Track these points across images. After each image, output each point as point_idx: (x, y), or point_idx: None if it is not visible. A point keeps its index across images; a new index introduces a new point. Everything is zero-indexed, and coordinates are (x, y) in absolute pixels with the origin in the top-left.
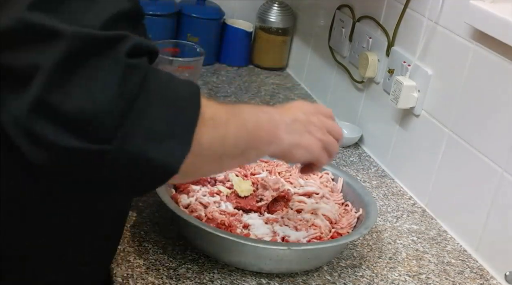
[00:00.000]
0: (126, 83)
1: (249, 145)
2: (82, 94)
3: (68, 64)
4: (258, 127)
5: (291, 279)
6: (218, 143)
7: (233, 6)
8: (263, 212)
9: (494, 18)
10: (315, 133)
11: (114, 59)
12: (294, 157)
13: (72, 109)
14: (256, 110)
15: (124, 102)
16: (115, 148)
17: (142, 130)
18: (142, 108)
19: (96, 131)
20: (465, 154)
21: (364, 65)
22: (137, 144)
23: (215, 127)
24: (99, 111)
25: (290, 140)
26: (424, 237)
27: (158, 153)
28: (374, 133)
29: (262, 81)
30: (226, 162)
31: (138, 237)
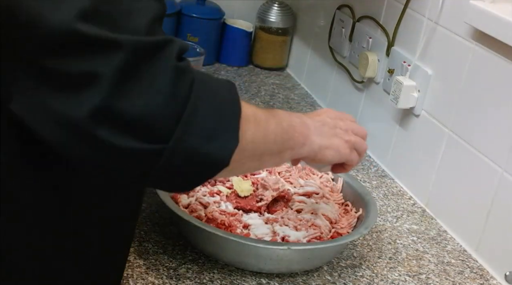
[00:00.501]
0: (179, 86)
1: (286, 145)
2: (141, 99)
3: (126, 71)
4: (292, 128)
5: (291, 279)
6: (260, 139)
7: (233, 6)
8: (263, 212)
9: (494, 18)
10: (342, 135)
11: (166, 64)
12: (325, 158)
13: (132, 113)
14: (289, 113)
15: (178, 103)
16: (173, 146)
17: (195, 128)
18: (193, 108)
19: (156, 132)
20: (465, 154)
21: (364, 65)
22: (192, 141)
23: (257, 124)
24: (158, 114)
25: (320, 142)
26: (424, 237)
27: (211, 148)
28: (374, 133)
29: (262, 81)
30: (265, 160)
31: (138, 237)
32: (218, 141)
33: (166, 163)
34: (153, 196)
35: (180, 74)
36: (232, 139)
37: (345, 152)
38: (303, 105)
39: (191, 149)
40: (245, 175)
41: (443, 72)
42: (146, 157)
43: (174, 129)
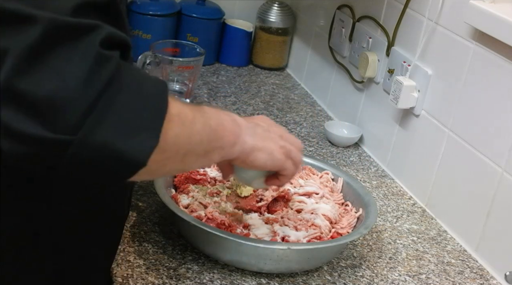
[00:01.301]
0: (96, 73)
1: (213, 144)
2: (51, 81)
3: (39, 50)
4: (222, 127)
5: (291, 279)
6: (183, 139)
7: (233, 6)
8: (263, 212)
9: (494, 18)
10: (276, 140)
11: (86, 48)
12: (257, 161)
13: (38, 95)
14: (219, 111)
15: (93, 91)
16: (81, 138)
17: (110, 121)
18: (111, 100)
19: (63, 120)
20: (465, 154)
21: (364, 65)
22: (104, 135)
23: (181, 124)
24: (66, 99)
25: (253, 143)
26: (424, 237)
27: (126, 145)
28: (374, 133)
29: (262, 81)
30: (189, 161)
31: (138, 237)
32: (135, 139)
33: (73, 156)
34: (153, 196)
35: (101, 61)
36: (152, 138)
37: (279, 158)
38: (303, 105)
39: (102, 143)
40: None
41: (443, 72)
42: (50, 147)
43: (84, 119)
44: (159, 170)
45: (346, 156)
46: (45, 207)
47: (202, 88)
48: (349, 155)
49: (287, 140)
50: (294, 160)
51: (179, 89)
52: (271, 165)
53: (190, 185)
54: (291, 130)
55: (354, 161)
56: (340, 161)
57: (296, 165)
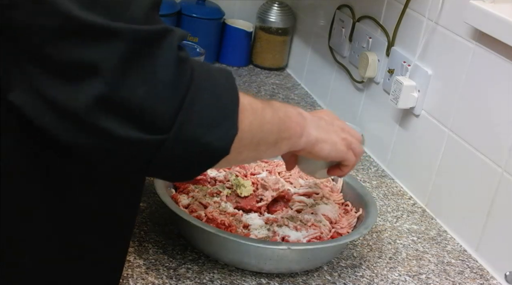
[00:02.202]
0: (180, 75)
1: (282, 134)
2: (143, 89)
3: (127, 61)
4: (289, 118)
5: (291, 279)
6: (256, 128)
7: (233, 6)
8: (263, 212)
9: (494, 18)
10: (339, 132)
11: (168, 53)
12: (322, 151)
13: (134, 103)
14: (286, 104)
15: (179, 93)
16: (174, 136)
17: (195, 117)
18: (193, 98)
19: (157, 122)
20: (465, 154)
21: (364, 65)
22: (192, 131)
23: (254, 113)
24: (160, 103)
25: (317, 134)
26: (424, 237)
27: (211, 137)
28: (374, 133)
29: (262, 81)
30: (262, 150)
31: (138, 236)
32: (218, 130)
33: (167, 153)
34: (153, 196)
35: (181, 63)
36: (232, 128)
37: (341, 149)
38: (303, 105)
39: (191, 138)
40: (245, 175)
41: (443, 72)
42: (147, 147)
43: (175, 119)
44: (235, 157)
45: None
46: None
47: None
48: None
49: (348, 133)
50: (355, 151)
51: None
52: (335, 155)
53: (190, 185)
54: None
55: None
56: None
57: (357, 156)
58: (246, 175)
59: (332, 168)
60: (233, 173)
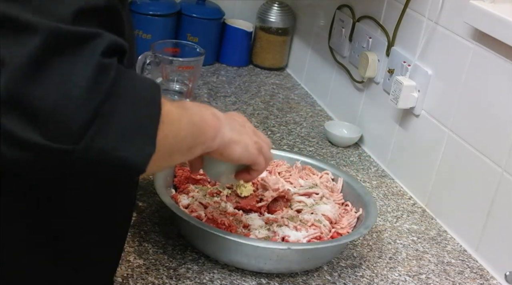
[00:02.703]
0: (99, 82)
1: (197, 140)
2: (54, 91)
3: (40, 59)
4: (204, 122)
5: (291, 279)
6: (171, 139)
7: (233, 6)
8: (263, 212)
9: (494, 18)
10: (250, 135)
11: (89, 58)
12: (233, 153)
13: (41, 104)
14: (200, 105)
15: (95, 101)
16: (84, 147)
17: (110, 129)
18: (112, 108)
19: (66, 130)
20: (465, 154)
21: (364, 65)
22: (106, 143)
23: (170, 124)
24: (69, 109)
25: (231, 136)
26: (424, 237)
27: (128, 152)
28: (374, 133)
29: (262, 81)
30: (175, 159)
31: (138, 237)
32: (134, 146)
33: (75, 164)
34: (153, 196)
35: (103, 70)
36: (149, 145)
37: (253, 152)
38: (303, 105)
39: (104, 151)
40: None
41: (443, 72)
42: (52, 155)
43: (87, 128)
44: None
45: (346, 156)
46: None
47: (202, 88)
48: (349, 155)
49: (260, 137)
50: (265, 156)
51: (179, 89)
52: (246, 158)
53: (190, 185)
54: (291, 130)
55: (354, 161)
56: (340, 161)
57: (267, 161)
58: None
59: (240, 172)
60: None
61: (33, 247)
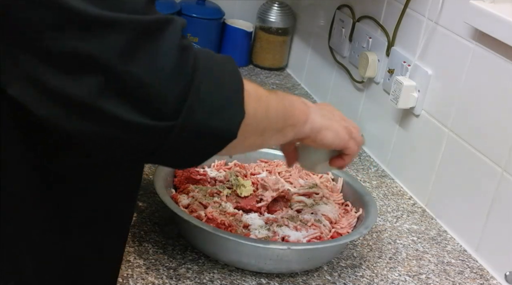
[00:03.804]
0: (184, 63)
1: (288, 121)
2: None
3: (130, 49)
4: (293, 105)
5: (291, 279)
6: (262, 114)
7: (233, 6)
8: (263, 212)
9: (494, 18)
10: (340, 121)
11: (171, 41)
12: (325, 139)
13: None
14: (288, 94)
15: (184, 80)
16: (182, 123)
17: (202, 103)
18: (198, 84)
19: (164, 108)
20: (465, 154)
21: (364, 65)
22: (200, 116)
23: (258, 99)
24: (164, 89)
25: (321, 121)
26: (424, 237)
27: (218, 122)
28: (374, 133)
29: (262, 81)
30: (268, 136)
31: (138, 237)
32: (224, 115)
33: (175, 139)
34: (153, 196)
35: (184, 51)
36: (238, 112)
37: (344, 136)
38: None
39: (199, 124)
40: (245, 175)
41: (443, 72)
42: (156, 133)
43: (182, 106)
44: (242, 143)
45: None
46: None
47: None
48: None
49: (348, 122)
50: (356, 140)
51: None
52: (338, 143)
53: (190, 185)
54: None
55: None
56: None
57: (358, 145)
58: (246, 175)
59: (334, 159)
60: (233, 173)
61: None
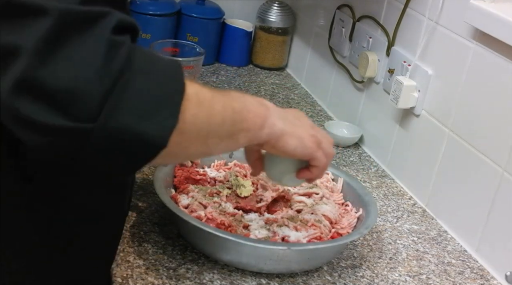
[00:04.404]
0: (111, 60)
1: (238, 126)
2: (67, 71)
3: (53, 41)
4: (246, 109)
5: (291, 279)
6: (202, 120)
7: (233, 6)
8: (263, 212)
9: (494, 18)
10: (307, 128)
11: (99, 35)
12: (287, 145)
13: (56, 86)
14: (245, 95)
15: (108, 78)
16: (101, 125)
17: (128, 106)
18: (127, 84)
19: (83, 109)
20: (465, 154)
21: (364, 65)
22: (124, 120)
23: (199, 104)
24: (84, 87)
25: (283, 126)
26: (424, 237)
27: (146, 128)
28: (374, 133)
29: (262, 81)
30: (213, 143)
31: (138, 237)
32: (154, 120)
33: (97, 143)
34: (153, 196)
35: (114, 47)
36: (170, 118)
37: (309, 146)
38: (303, 105)
39: (121, 128)
40: (245, 175)
41: (443, 72)
42: (71, 135)
43: (102, 106)
44: (182, 152)
45: (346, 156)
46: (46, 207)
47: None
48: (349, 155)
49: (318, 132)
50: (325, 151)
51: None
52: (301, 152)
53: (190, 185)
54: None
55: (354, 161)
56: (340, 161)
57: (327, 157)
58: (246, 175)
59: (301, 170)
60: (233, 173)
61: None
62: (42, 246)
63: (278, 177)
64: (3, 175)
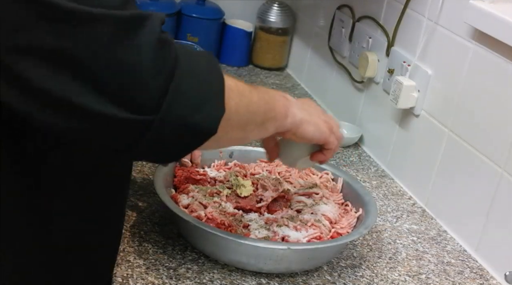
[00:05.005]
0: (163, 58)
1: (269, 115)
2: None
3: (111, 46)
4: (274, 100)
5: (291, 279)
6: (243, 108)
7: (233, 6)
8: (263, 212)
9: (494, 18)
10: (320, 115)
11: (151, 35)
12: (306, 132)
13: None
14: (269, 88)
15: (164, 75)
16: (162, 117)
17: (182, 98)
18: (179, 79)
19: (144, 103)
20: (465, 154)
21: (364, 65)
22: (180, 111)
23: (240, 94)
24: (146, 85)
25: (302, 115)
26: (424, 237)
27: (199, 117)
28: (374, 133)
29: (262, 81)
30: (250, 130)
31: (138, 237)
32: (205, 110)
33: (155, 133)
34: (153, 196)
35: (164, 46)
36: (219, 107)
37: (324, 130)
38: None
39: (179, 119)
40: (245, 175)
41: (443, 72)
42: (136, 127)
43: (162, 100)
44: (223, 138)
45: (346, 156)
46: (46, 207)
47: None
48: (349, 155)
49: (329, 117)
50: (336, 134)
51: None
52: (318, 137)
53: (190, 185)
54: None
55: (354, 161)
56: (340, 161)
57: (338, 140)
58: (246, 175)
59: (315, 153)
60: (233, 173)
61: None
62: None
63: (293, 162)
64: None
